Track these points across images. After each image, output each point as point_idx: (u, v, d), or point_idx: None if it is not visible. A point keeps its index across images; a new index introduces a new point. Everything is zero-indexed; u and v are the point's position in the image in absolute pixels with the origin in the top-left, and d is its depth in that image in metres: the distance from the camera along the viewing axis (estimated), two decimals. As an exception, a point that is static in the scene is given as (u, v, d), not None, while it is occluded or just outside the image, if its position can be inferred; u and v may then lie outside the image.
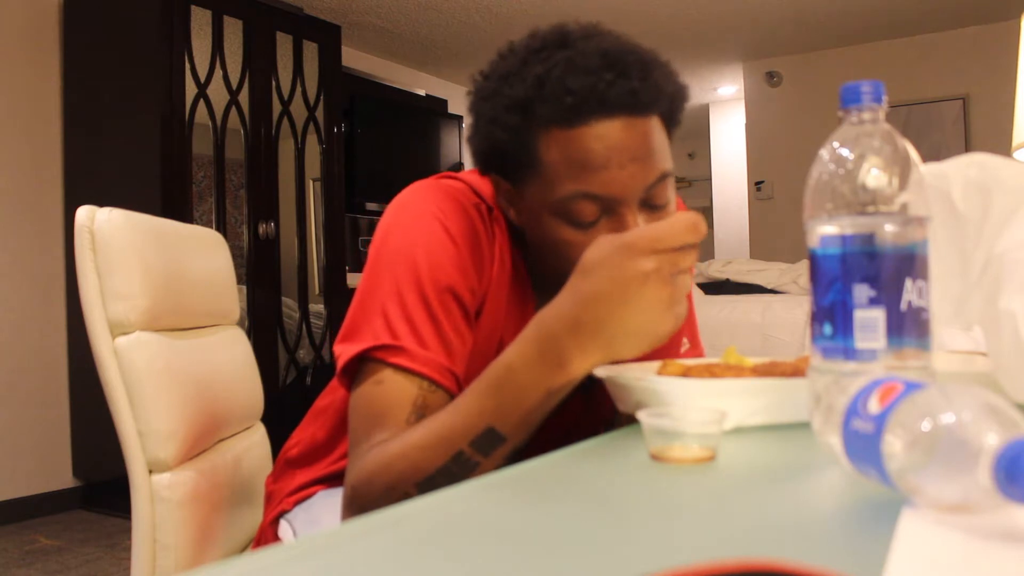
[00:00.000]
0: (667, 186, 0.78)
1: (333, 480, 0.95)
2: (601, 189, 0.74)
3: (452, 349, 0.78)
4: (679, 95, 0.81)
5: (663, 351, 0.92)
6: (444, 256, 0.79)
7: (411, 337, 0.76)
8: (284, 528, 0.94)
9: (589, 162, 0.74)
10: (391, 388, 0.75)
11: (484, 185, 0.88)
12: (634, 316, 0.62)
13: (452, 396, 0.77)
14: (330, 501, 0.91)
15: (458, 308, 0.79)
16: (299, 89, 3.66)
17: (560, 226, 0.77)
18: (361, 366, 0.77)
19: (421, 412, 0.74)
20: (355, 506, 0.72)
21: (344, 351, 0.78)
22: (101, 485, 3.24)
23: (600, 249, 0.63)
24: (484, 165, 0.83)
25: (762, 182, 5.70)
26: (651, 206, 0.78)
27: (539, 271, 0.88)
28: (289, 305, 3.63)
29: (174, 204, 3.02)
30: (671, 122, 0.81)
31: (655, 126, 0.77)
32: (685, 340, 0.99)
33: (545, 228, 0.79)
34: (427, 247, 0.79)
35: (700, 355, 1.00)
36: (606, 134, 0.73)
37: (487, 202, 0.86)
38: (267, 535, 0.98)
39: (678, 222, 0.61)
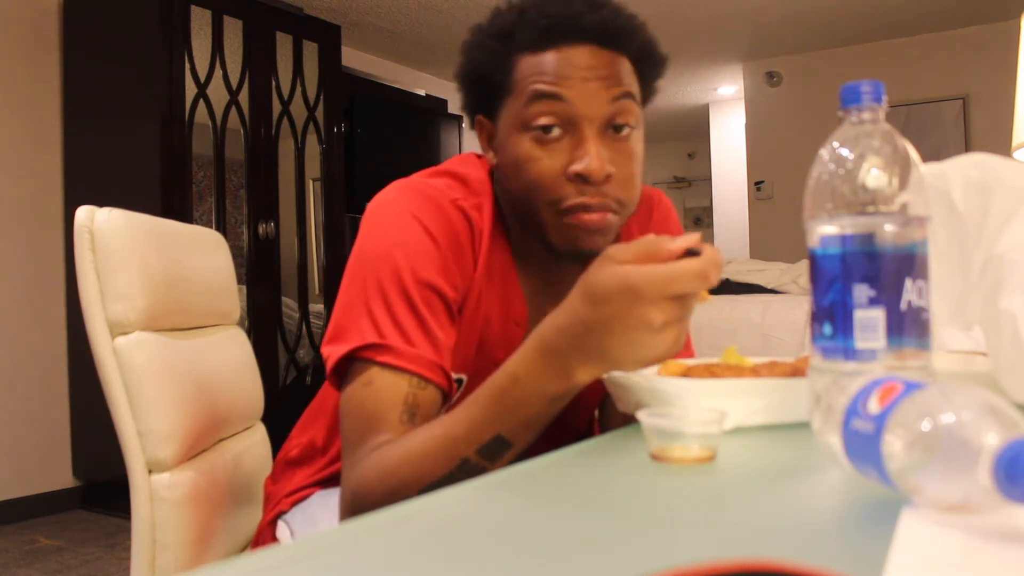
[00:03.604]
0: (631, 109, 0.82)
1: (329, 481, 0.95)
2: (561, 90, 0.79)
3: (438, 344, 0.78)
4: (649, 48, 0.86)
5: None
6: (424, 254, 0.80)
7: (397, 335, 0.76)
8: (282, 529, 0.94)
9: (555, 72, 0.80)
10: (381, 387, 0.75)
11: (466, 167, 0.90)
12: (638, 352, 0.61)
13: (442, 391, 0.78)
14: (327, 502, 0.91)
15: (441, 304, 0.80)
16: (299, 89, 3.66)
17: (526, 141, 0.82)
18: (350, 367, 0.78)
19: (413, 410, 0.74)
20: (355, 511, 0.72)
21: (332, 352, 0.78)
22: (101, 485, 3.24)
23: (607, 285, 0.59)
24: (470, 101, 0.90)
25: (762, 182, 5.70)
26: (615, 129, 0.82)
27: (518, 237, 0.89)
28: (289, 305, 3.63)
29: (174, 204, 3.02)
30: (642, 73, 0.86)
31: (623, 62, 0.83)
32: None
33: (515, 147, 0.82)
34: (406, 246, 0.80)
35: (691, 355, 1.00)
36: (576, 55, 0.81)
37: (471, 185, 0.88)
38: (265, 536, 0.98)
39: (690, 270, 0.58)
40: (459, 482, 0.67)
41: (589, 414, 1.01)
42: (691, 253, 0.60)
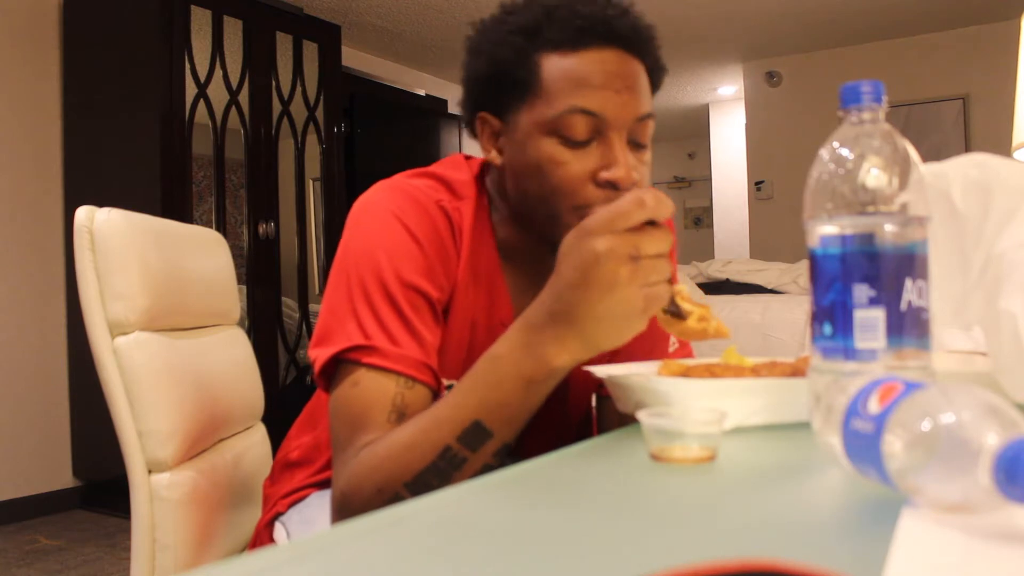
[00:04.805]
0: (650, 128, 0.84)
1: (327, 483, 0.95)
2: (597, 106, 0.79)
3: (425, 344, 0.78)
4: (660, 58, 0.87)
5: (651, 349, 0.92)
6: (407, 255, 0.80)
7: (383, 336, 0.76)
8: (278, 530, 0.95)
9: (589, 81, 0.79)
10: (368, 388, 0.75)
11: (451, 169, 0.90)
12: (599, 300, 0.63)
13: (430, 390, 0.78)
14: (323, 503, 0.91)
15: (425, 304, 0.80)
16: (299, 89, 3.66)
17: (552, 145, 0.80)
18: (337, 369, 0.78)
19: (401, 410, 0.75)
20: (345, 511, 0.73)
21: (319, 355, 0.78)
22: (101, 485, 3.24)
23: (567, 239, 0.65)
24: (477, 98, 0.87)
25: (762, 182, 5.70)
26: (635, 145, 0.83)
27: (508, 237, 0.89)
28: (289, 305, 3.63)
29: (174, 204, 3.02)
30: (654, 82, 0.86)
31: (643, 71, 0.83)
32: (674, 340, 0.99)
33: (537, 149, 0.81)
34: (389, 247, 0.80)
35: (689, 355, 1.00)
36: (607, 59, 0.80)
37: (454, 187, 0.88)
38: (262, 537, 0.98)
39: (625, 200, 0.62)
40: (445, 477, 0.68)
41: (583, 409, 1.00)
42: None
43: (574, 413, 0.99)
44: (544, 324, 0.65)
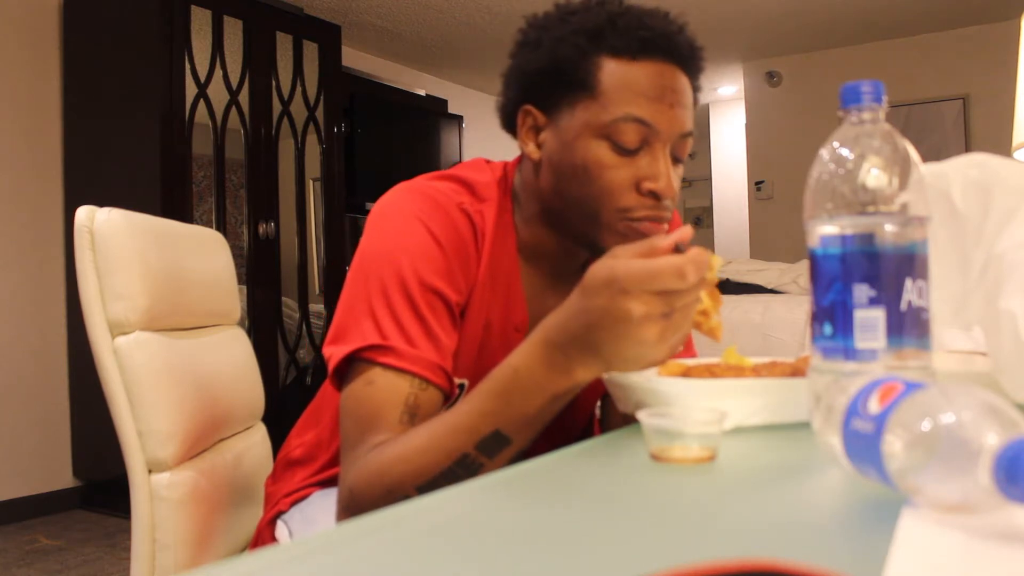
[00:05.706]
0: (689, 146, 0.86)
1: (329, 482, 0.95)
2: (651, 117, 0.81)
3: (440, 346, 0.79)
4: (700, 82, 0.90)
5: None
6: (427, 258, 0.81)
7: (399, 336, 0.76)
8: (280, 529, 0.95)
9: (647, 91, 0.81)
10: (382, 388, 0.75)
11: (473, 172, 0.91)
12: (626, 348, 0.62)
13: (443, 392, 0.78)
14: (326, 501, 0.91)
15: (443, 307, 0.81)
16: (299, 89, 3.66)
17: (602, 148, 0.82)
18: (351, 367, 0.78)
19: (413, 411, 0.75)
20: (352, 509, 0.73)
21: (334, 353, 0.78)
22: (101, 485, 3.24)
23: (596, 276, 0.62)
24: (526, 90, 0.87)
25: (762, 182, 5.70)
26: (673, 159, 0.85)
27: (529, 238, 0.90)
28: (289, 305, 3.63)
29: (174, 204, 3.02)
30: (694, 98, 0.89)
31: (691, 90, 0.86)
32: None
33: (585, 150, 0.82)
34: (411, 249, 0.80)
35: (692, 356, 1.00)
36: (665, 73, 0.82)
37: (476, 190, 0.88)
38: (264, 536, 0.98)
39: (667, 267, 0.60)
40: (457, 481, 0.67)
41: (587, 413, 1.01)
42: (679, 251, 0.63)
43: (580, 416, 0.99)
44: (567, 346, 0.65)
